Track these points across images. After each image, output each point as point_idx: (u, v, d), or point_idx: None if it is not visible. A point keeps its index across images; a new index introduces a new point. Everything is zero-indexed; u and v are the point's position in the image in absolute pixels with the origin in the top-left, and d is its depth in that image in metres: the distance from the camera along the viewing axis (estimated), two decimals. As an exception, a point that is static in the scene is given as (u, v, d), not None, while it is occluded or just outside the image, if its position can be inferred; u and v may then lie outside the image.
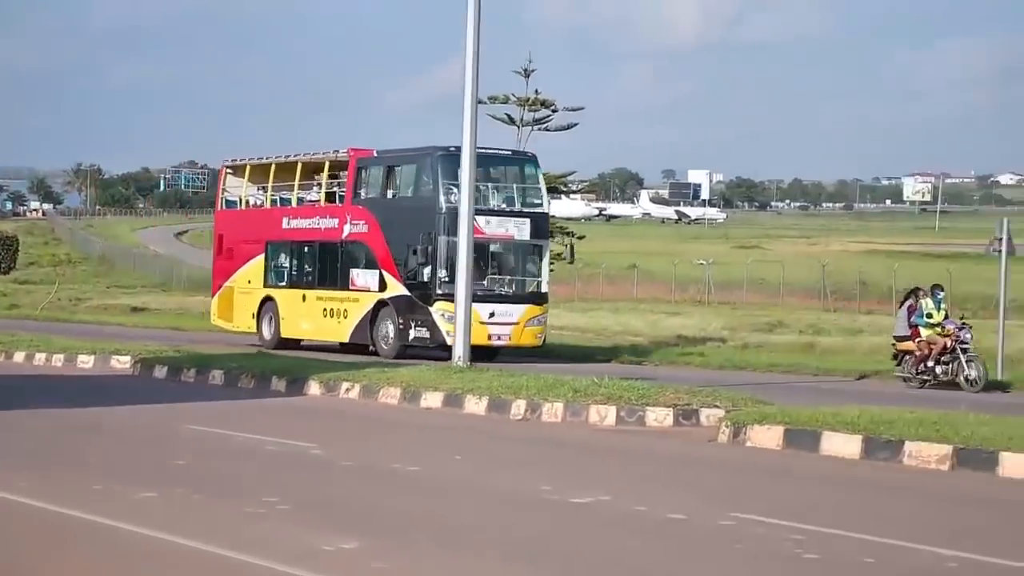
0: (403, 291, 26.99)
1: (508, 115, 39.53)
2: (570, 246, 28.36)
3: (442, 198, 26.28)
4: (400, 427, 16.11)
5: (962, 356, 22.63)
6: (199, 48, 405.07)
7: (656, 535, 9.45)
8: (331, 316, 28.51)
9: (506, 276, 27.08)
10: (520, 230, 27.03)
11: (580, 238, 34.45)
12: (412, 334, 26.68)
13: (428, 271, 26.25)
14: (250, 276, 30.97)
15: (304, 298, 29.33)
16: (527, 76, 36.65)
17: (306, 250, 29.73)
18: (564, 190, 41.37)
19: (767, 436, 14.19)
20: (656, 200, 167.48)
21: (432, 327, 26.23)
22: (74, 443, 13.90)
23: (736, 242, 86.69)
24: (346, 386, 19.15)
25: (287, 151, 31.28)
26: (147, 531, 9.12)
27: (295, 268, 30.13)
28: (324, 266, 29.09)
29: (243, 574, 8.10)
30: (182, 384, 21.07)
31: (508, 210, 27.14)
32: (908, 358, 23.38)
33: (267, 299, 30.29)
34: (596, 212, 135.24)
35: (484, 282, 26.42)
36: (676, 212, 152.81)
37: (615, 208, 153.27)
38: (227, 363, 21.61)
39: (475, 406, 17.34)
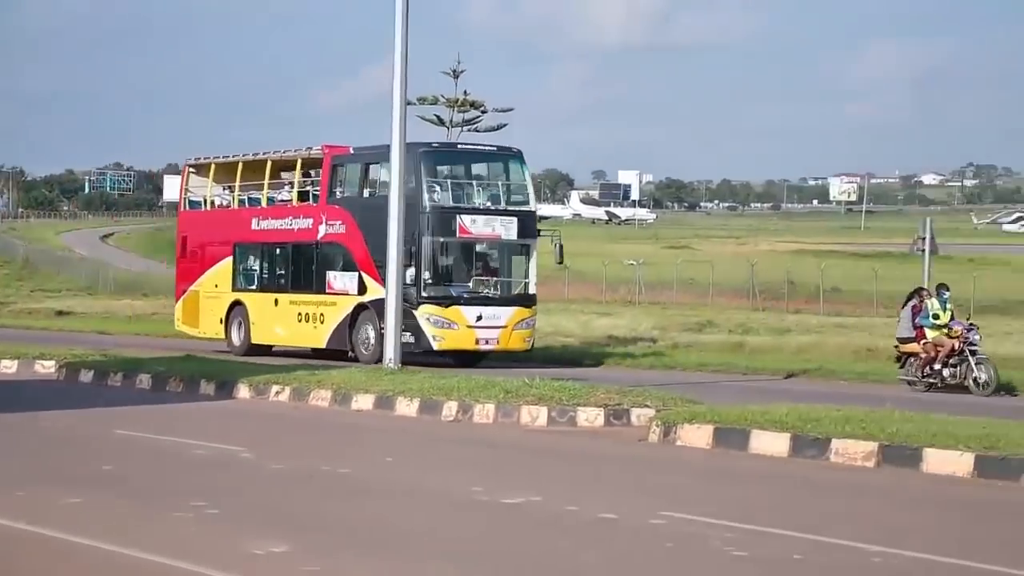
0: (384, 294, 26.37)
1: (438, 116, 39.47)
2: (558, 246, 26.93)
3: (425, 196, 25.32)
4: (331, 429, 16.04)
5: (971, 358, 21.91)
6: (124, 49, 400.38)
7: (587, 535, 9.48)
8: (306, 321, 27.32)
9: (493, 277, 25.99)
10: (507, 229, 25.93)
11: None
12: None
13: (411, 273, 24.90)
14: (217, 280, 29.66)
15: (276, 302, 28.12)
16: (456, 77, 36.74)
17: (278, 252, 28.55)
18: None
19: (697, 435, 14.30)
20: (586, 201, 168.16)
21: (417, 331, 25.03)
22: (-3, 449, 13.67)
23: (666, 242, 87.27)
24: (276, 389, 19.02)
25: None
26: (73, 537, 8.99)
27: (266, 271, 28.89)
28: (298, 269, 27.93)
29: (171, 580, 8.02)
30: (108, 388, 20.80)
31: (494, 209, 26.05)
32: (913, 360, 22.57)
33: (236, 304, 29.06)
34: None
35: (470, 284, 25.61)
36: (606, 213, 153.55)
37: (545, 209, 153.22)
38: (154, 367, 21.36)
39: (406, 408, 17.30)
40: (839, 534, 9.37)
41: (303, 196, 27.99)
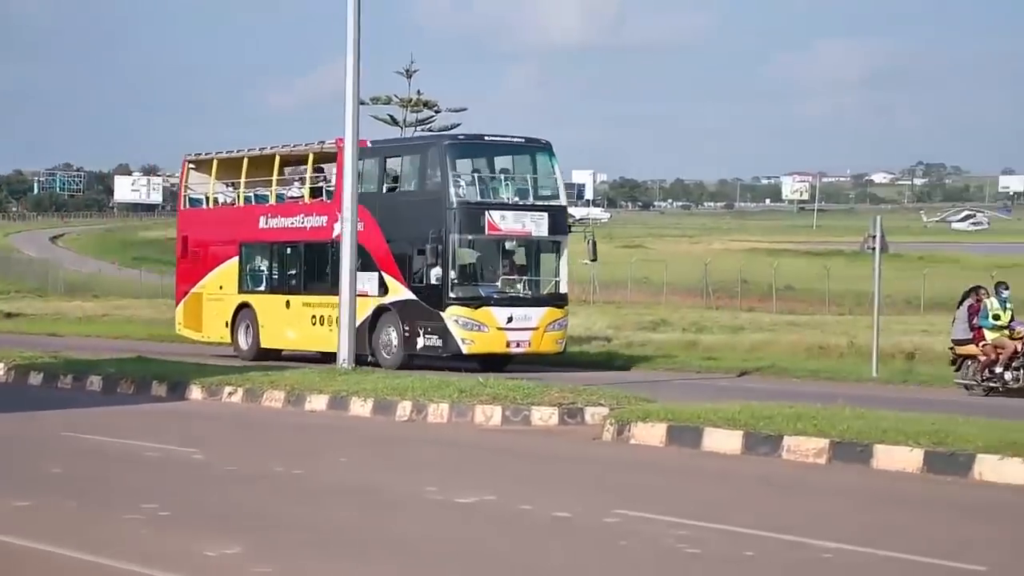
0: (408, 295, 24.58)
1: (391, 116, 39.43)
2: (591, 242, 25.49)
3: (452, 191, 23.96)
4: (284, 430, 15.96)
5: None
6: (74, 50, 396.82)
7: (541, 534, 9.49)
8: (321, 324, 25.76)
9: (523, 276, 24.77)
10: (538, 225, 24.61)
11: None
12: (421, 342, 24.28)
13: (438, 273, 23.87)
14: (221, 281, 28.12)
15: (288, 304, 26.64)
16: (409, 77, 36.69)
17: (289, 252, 27.06)
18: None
19: (650, 433, 14.35)
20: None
21: (445, 335, 23.86)
22: (-55, 453, 13.51)
23: (620, 241, 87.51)
24: (229, 390, 18.90)
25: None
26: (21, 541, 8.90)
27: (276, 272, 27.39)
28: (311, 269, 26.41)
29: (122, 583, 7.95)
30: (59, 391, 20.60)
31: (524, 204, 24.68)
32: (970, 363, 21.34)
33: (243, 306, 27.55)
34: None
35: (498, 284, 24.44)
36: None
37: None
38: (105, 369, 21.18)
39: (360, 408, 17.25)
40: (791, 531, 9.43)
41: (315, 192, 26.64)
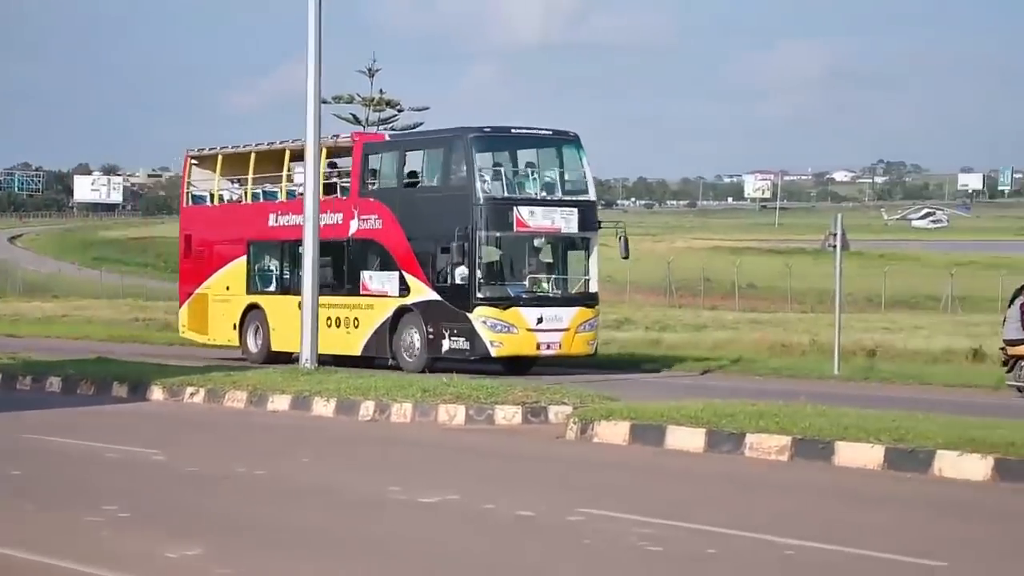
0: (432, 295, 23.52)
1: (353, 115, 39.37)
2: (623, 238, 24.44)
3: (479, 186, 22.99)
4: (246, 430, 15.88)
5: None
6: (32, 48, 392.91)
7: (505, 533, 9.49)
8: (337, 326, 24.69)
9: (552, 275, 23.81)
10: (567, 221, 23.61)
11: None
12: (446, 345, 23.25)
13: (464, 272, 22.91)
14: (228, 281, 26.98)
15: (301, 306, 26.18)
16: (371, 76, 36.63)
17: (301, 250, 26.50)
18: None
19: (613, 431, 14.37)
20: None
21: (472, 337, 22.88)
22: (-99, 456, 13.34)
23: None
24: (190, 390, 18.79)
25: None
26: (-21, 545, 8.81)
27: (287, 271, 26.23)
28: (326, 268, 24.80)
29: (81, 586, 7.89)
30: (17, 392, 20.40)
31: (554, 199, 23.74)
32: None
33: (252, 307, 26.56)
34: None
35: (525, 282, 23.46)
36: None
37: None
38: (65, 369, 21.01)
39: (323, 408, 17.19)
40: (753, 528, 9.46)
41: (328, 189, 25.33)
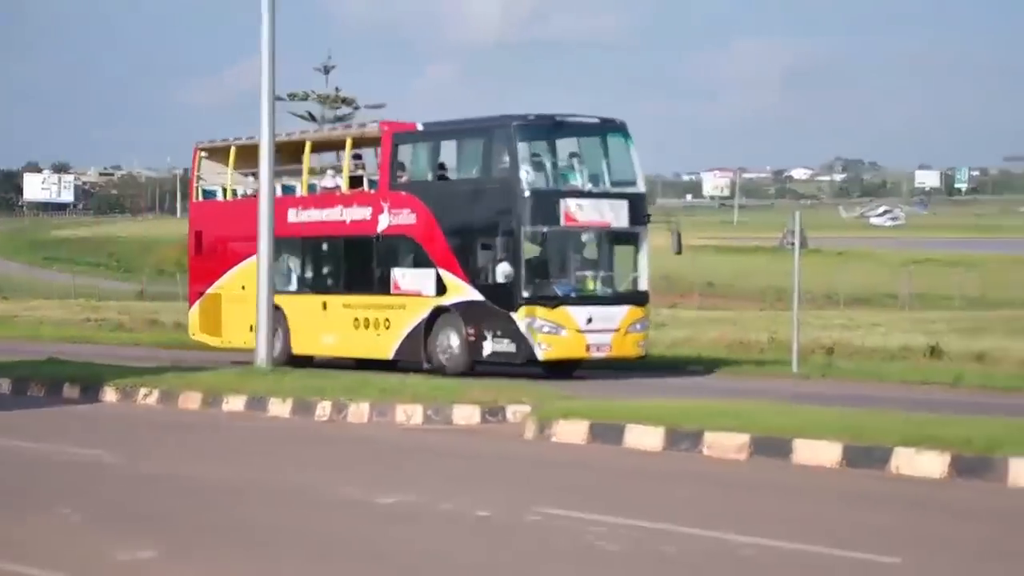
0: (473, 295, 22.22)
1: (309, 112, 39.18)
2: (676, 234, 23.29)
3: (524, 178, 21.71)
4: (201, 432, 15.73)
5: None
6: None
7: (462, 533, 9.42)
8: (366, 327, 23.51)
9: (600, 272, 22.58)
10: (617, 215, 22.40)
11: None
12: (489, 347, 22.01)
13: (508, 269, 21.64)
14: (244, 280, 25.02)
15: (325, 306, 24.27)
16: (327, 73, 36.51)
17: (325, 248, 24.80)
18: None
19: (572, 431, 14.33)
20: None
21: (518, 338, 21.61)
22: None
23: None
24: (144, 391, 18.59)
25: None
26: (-75, 550, 8.64)
27: (310, 270, 25.08)
28: (352, 266, 24.17)
29: (29, 591, 7.76)
30: (-32, 394, 20.15)
31: (602, 191, 22.53)
32: None
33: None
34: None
35: (572, 280, 22.29)
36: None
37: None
38: (15, 371, 20.74)
39: (279, 408, 17.06)
40: (711, 526, 9.45)
41: (354, 182, 24.35)
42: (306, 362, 23.89)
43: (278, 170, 25.27)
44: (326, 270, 24.98)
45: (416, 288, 22.95)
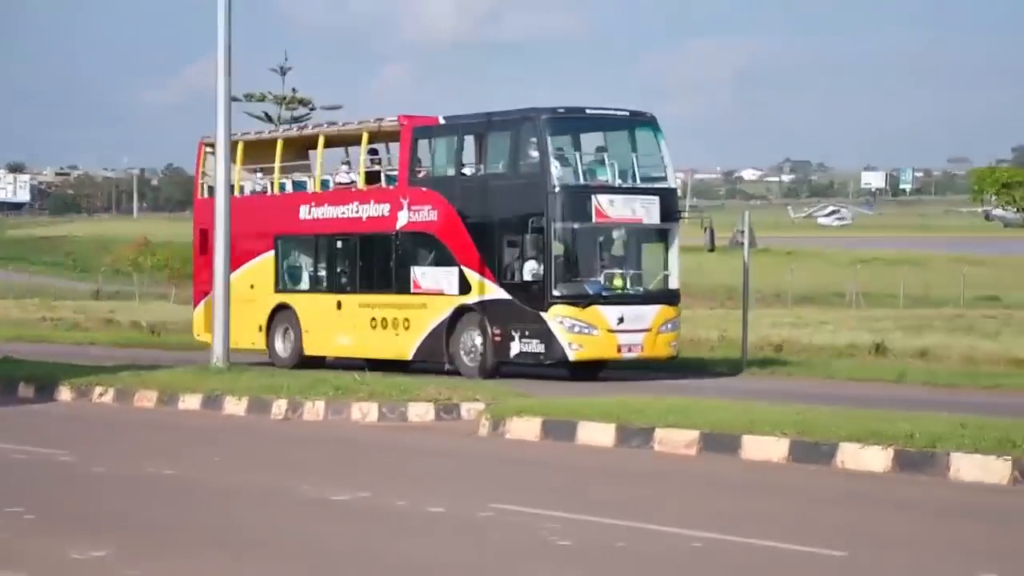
0: (499, 293, 21.59)
1: (266, 113, 39.12)
2: (710, 231, 22.58)
3: (553, 173, 21.12)
4: (156, 430, 15.73)
5: None
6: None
7: (415, 529, 9.54)
8: (383, 327, 22.93)
9: (631, 270, 21.93)
10: (648, 211, 21.80)
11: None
12: (516, 347, 21.42)
13: (536, 267, 21.14)
14: (252, 279, 24.75)
15: (340, 305, 23.67)
16: (283, 74, 36.48)
17: (340, 245, 24.14)
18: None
19: (526, 428, 14.50)
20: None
21: (548, 339, 20.99)
22: None
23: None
24: (99, 390, 18.56)
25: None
26: None
27: (323, 268, 24.47)
28: (369, 264, 23.53)
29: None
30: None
31: (634, 187, 21.87)
32: None
33: (281, 308, 24.54)
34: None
35: (601, 279, 21.57)
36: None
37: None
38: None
39: (235, 407, 17.11)
40: (661, 521, 9.62)
41: (371, 178, 23.66)
42: (318, 363, 23.41)
43: (291, 165, 25.25)
44: (341, 268, 24.35)
45: (438, 286, 22.36)
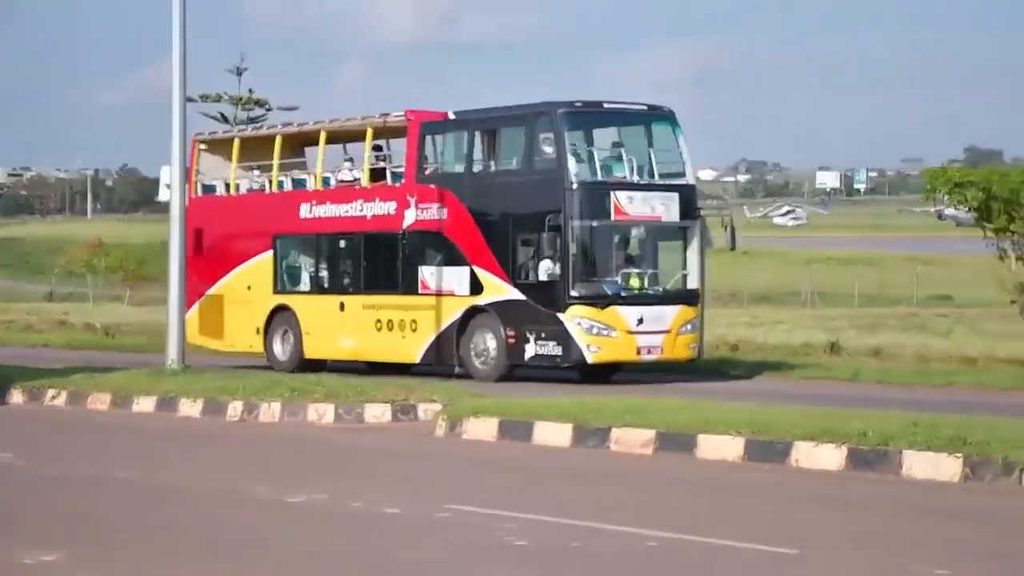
0: (513, 293, 20.96)
1: (222, 114, 38.96)
2: (730, 229, 21.92)
3: (571, 169, 20.49)
4: (110, 433, 15.63)
5: None
6: None
7: (370, 530, 9.52)
8: (390, 329, 22.29)
9: (650, 270, 21.30)
10: (668, 209, 21.19)
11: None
12: (531, 350, 20.79)
13: (552, 267, 20.51)
14: (250, 280, 24.32)
15: (343, 307, 23.02)
16: (239, 75, 36.34)
17: (343, 245, 23.43)
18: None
19: (482, 428, 14.51)
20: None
21: (566, 340, 20.35)
22: None
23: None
24: (52, 393, 18.40)
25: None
26: None
27: (325, 268, 23.77)
28: (373, 264, 22.88)
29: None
30: None
31: (653, 183, 21.24)
32: None
33: (280, 309, 23.88)
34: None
35: (619, 278, 20.88)
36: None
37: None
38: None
39: (190, 409, 17.02)
40: (617, 520, 9.66)
41: (375, 175, 23.07)
42: (319, 366, 22.81)
43: (289, 163, 24.76)
44: (344, 268, 23.68)
45: (448, 287, 21.73)
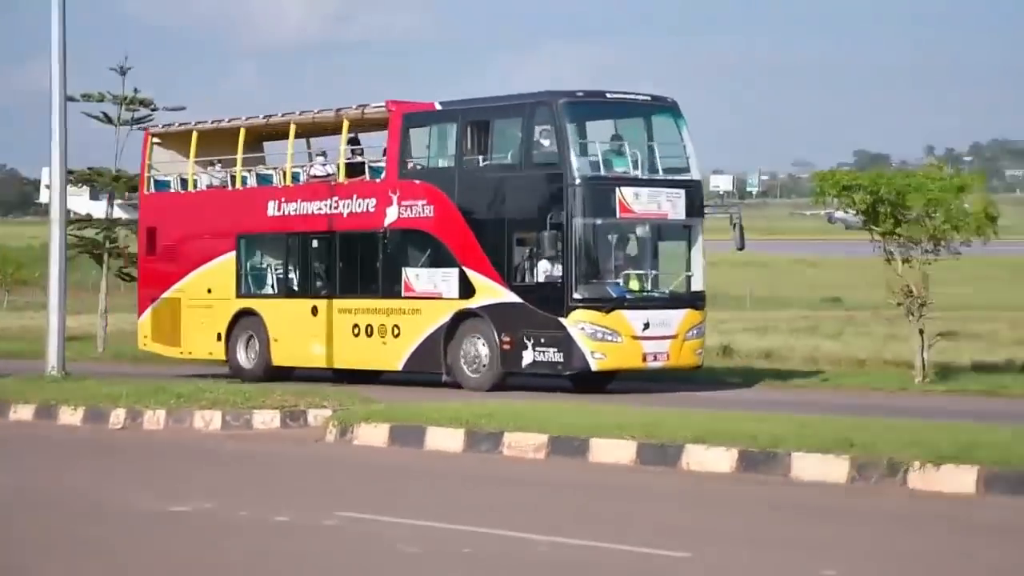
0: (508, 296, 19.66)
1: (105, 113, 38.09)
2: (738, 227, 20.64)
3: (574, 163, 19.19)
4: (-14, 443, 15.15)
5: None
6: None
7: (258, 539, 9.34)
8: (369, 335, 20.91)
9: (656, 271, 20.18)
10: (674, 206, 19.92)
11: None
12: (530, 357, 19.42)
13: (552, 268, 19.29)
14: (210, 283, 22.88)
15: (315, 311, 21.56)
16: (123, 74, 35.55)
17: (316, 245, 22.07)
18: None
19: (373, 434, 14.35)
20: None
21: (568, 346, 19.03)
22: None
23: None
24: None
25: None
26: None
27: (295, 270, 22.36)
28: (351, 266, 21.51)
29: None
30: None
31: (659, 179, 20.02)
32: None
33: (244, 314, 22.41)
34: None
35: (621, 280, 19.68)
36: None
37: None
38: None
39: (71, 417, 16.60)
40: (508, 525, 9.60)
41: (352, 170, 21.77)
42: (286, 375, 21.65)
43: (253, 157, 23.60)
44: (317, 270, 22.26)
45: (435, 290, 20.41)
